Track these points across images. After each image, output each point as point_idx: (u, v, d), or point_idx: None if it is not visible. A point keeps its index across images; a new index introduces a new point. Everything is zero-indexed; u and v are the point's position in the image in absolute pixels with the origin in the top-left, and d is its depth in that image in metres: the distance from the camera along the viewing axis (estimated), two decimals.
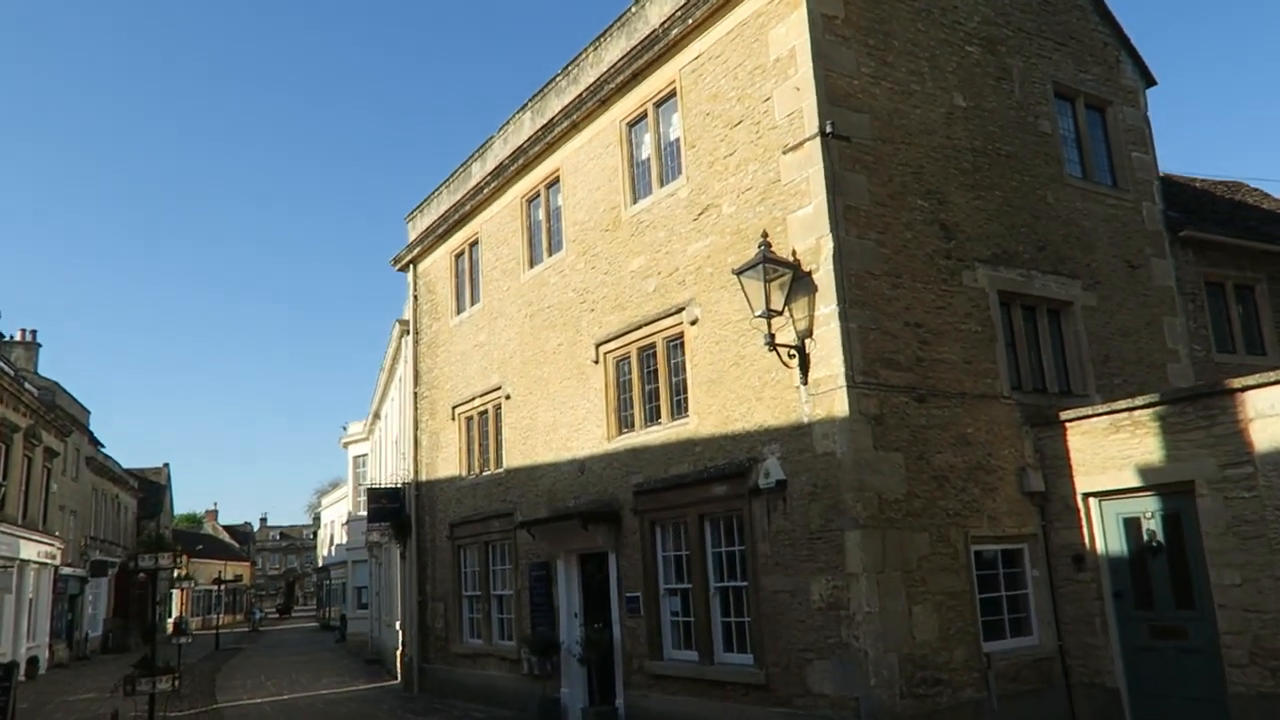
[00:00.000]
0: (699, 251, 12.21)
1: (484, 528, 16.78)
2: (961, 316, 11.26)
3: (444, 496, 18.48)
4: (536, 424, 15.49)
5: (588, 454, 14.04)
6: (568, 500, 14.35)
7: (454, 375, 18.47)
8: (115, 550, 44.64)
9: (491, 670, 16.29)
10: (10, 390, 27.40)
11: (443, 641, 18.13)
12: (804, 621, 10.09)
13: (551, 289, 15.41)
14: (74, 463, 37.26)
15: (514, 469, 16.06)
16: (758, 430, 10.94)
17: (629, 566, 12.92)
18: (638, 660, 12.61)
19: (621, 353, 13.57)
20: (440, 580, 18.40)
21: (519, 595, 15.62)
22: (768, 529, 10.64)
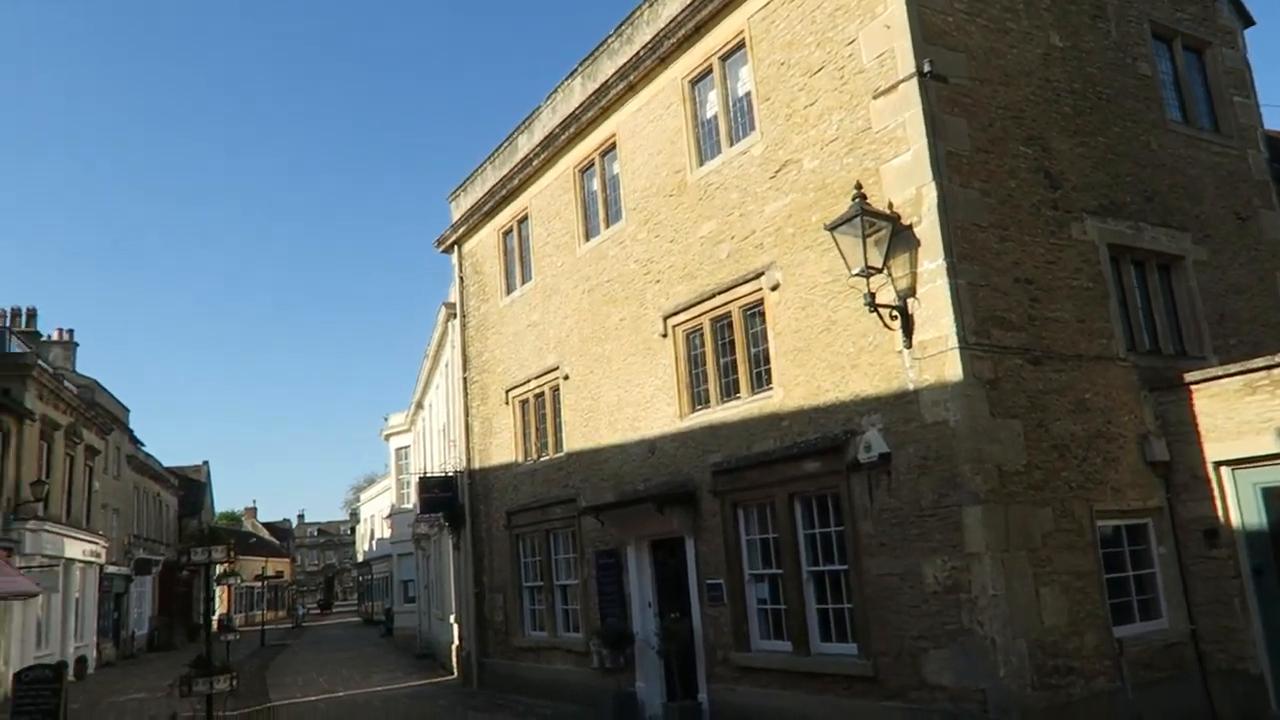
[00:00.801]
0: (778, 211, 11.34)
1: (544, 515, 16.05)
2: (1072, 272, 10.33)
3: (499, 484, 17.77)
4: (599, 404, 14.71)
5: (658, 433, 13.24)
6: (637, 483, 13.57)
7: (506, 358, 17.74)
8: (158, 548, 44.55)
9: (557, 664, 15.57)
10: (50, 388, 27.07)
11: (502, 634, 17.45)
12: (916, 607, 9.23)
13: (611, 262, 14.60)
14: (115, 461, 37.06)
15: (575, 452, 15.30)
16: (854, 400, 10.08)
17: (709, 552, 12.12)
18: (722, 652, 11.81)
19: (693, 324, 12.74)
20: (498, 571, 17.71)
21: (585, 585, 14.88)
22: (870, 507, 9.79)
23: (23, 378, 25.01)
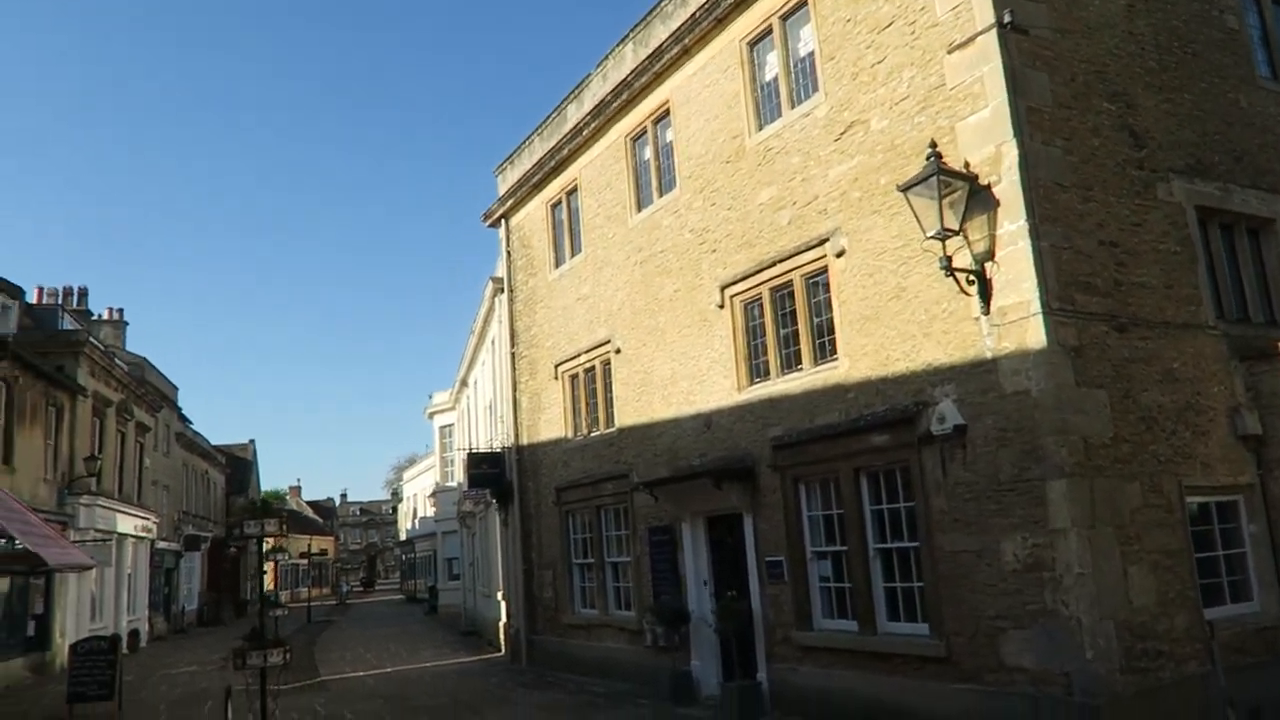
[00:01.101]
0: (843, 175, 10.88)
1: (595, 491, 15.79)
2: (1158, 235, 9.77)
3: (548, 460, 17.54)
4: (652, 378, 14.38)
5: (714, 407, 12.89)
6: (692, 458, 13.24)
7: (555, 332, 17.46)
8: (207, 525, 45.17)
9: (608, 642, 15.34)
10: (101, 365, 27.35)
11: (552, 612, 17.26)
12: (994, 585, 8.81)
13: (665, 232, 14.23)
14: (164, 438, 37.52)
15: (627, 427, 15.00)
16: (926, 370, 9.64)
17: (768, 528, 11.76)
18: (782, 631, 11.47)
19: (751, 294, 12.34)
20: (547, 547, 17.51)
21: (638, 562, 14.60)
22: (943, 481, 9.36)
23: (75, 354, 25.26)
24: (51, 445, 23.48)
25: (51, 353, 24.51)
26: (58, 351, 24.90)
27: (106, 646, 15.49)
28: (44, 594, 22.79)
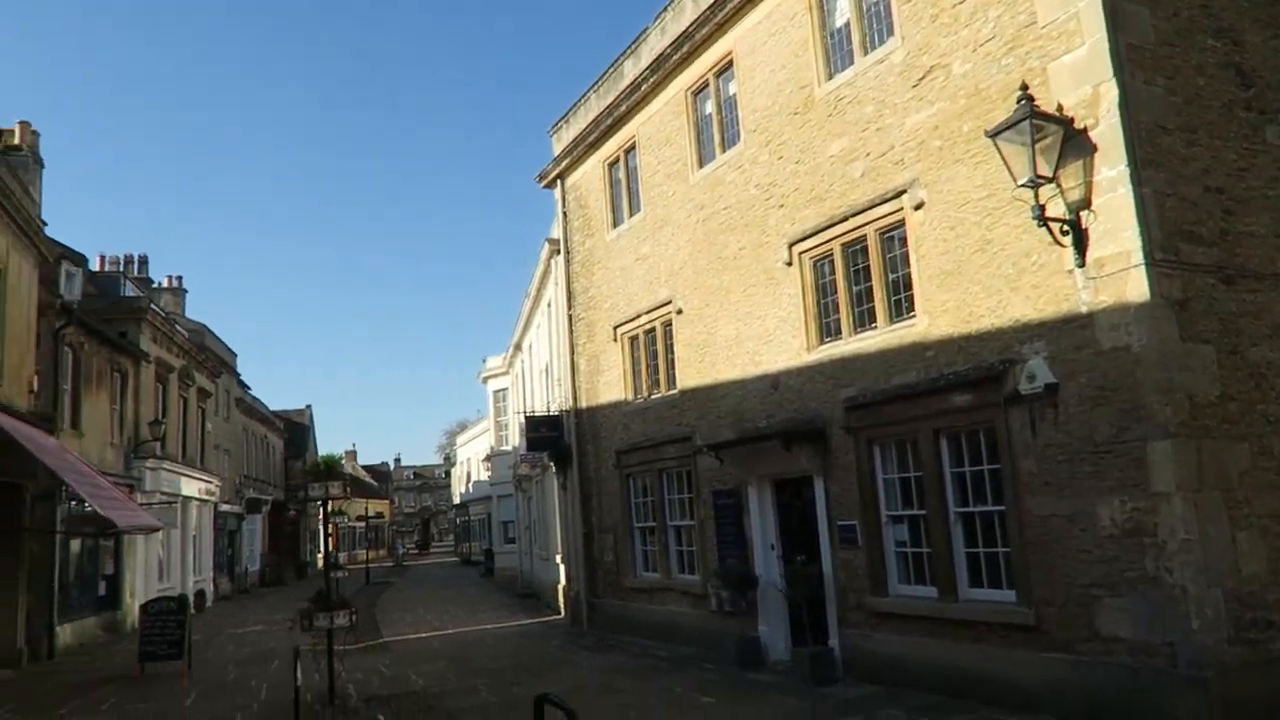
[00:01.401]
0: (922, 123, 10.35)
1: (656, 454, 15.54)
2: (1267, 181, 9.13)
3: (607, 423, 17.32)
4: (715, 339, 14.03)
5: (781, 368, 12.51)
6: (758, 420, 12.90)
7: (614, 293, 17.15)
8: (267, 489, 46.01)
9: (671, 606, 15.16)
10: (163, 331, 27.72)
11: (613, 575, 17.14)
12: (1088, 551, 8.38)
13: (728, 188, 13.78)
14: (225, 404, 38.12)
15: (690, 389, 14.69)
16: (1013, 326, 9.15)
17: (840, 491, 11.41)
18: (855, 596, 11.16)
19: (821, 250, 11.89)
20: (607, 511, 17.35)
21: (701, 526, 14.36)
22: (1032, 443, 8.91)
23: (138, 320, 25.60)
24: (117, 410, 23.88)
25: (115, 319, 24.88)
26: (120, 318, 25.26)
27: (175, 607, 15.73)
28: (113, 555, 23.30)
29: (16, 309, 16.55)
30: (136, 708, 12.29)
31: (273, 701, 12.23)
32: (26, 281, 17.30)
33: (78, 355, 21.08)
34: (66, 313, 19.95)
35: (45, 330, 19.30)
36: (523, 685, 12.35)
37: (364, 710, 11.40)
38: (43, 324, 19.02)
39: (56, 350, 19.69)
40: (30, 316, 17.59)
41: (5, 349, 15.82)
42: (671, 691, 11.24)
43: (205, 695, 13.07)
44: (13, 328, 16.30)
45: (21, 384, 16.81)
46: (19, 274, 16.74)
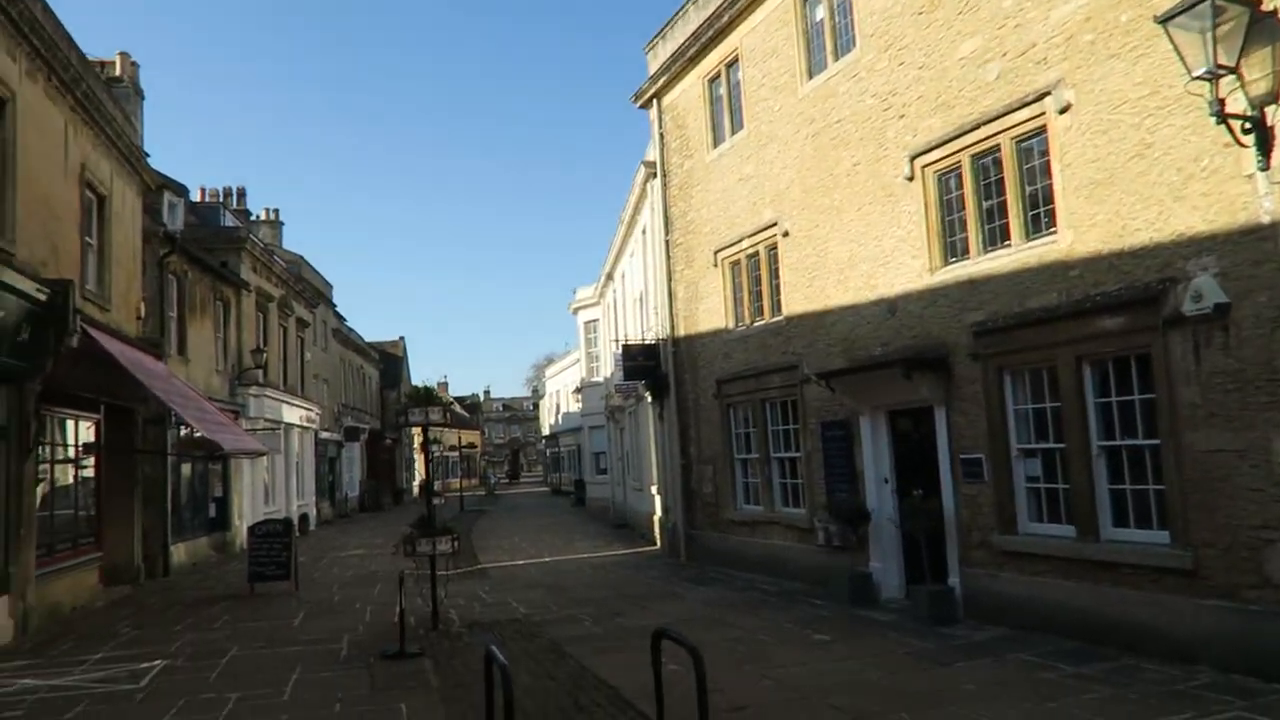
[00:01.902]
0: (1069, 15, 9.28)
1: (759, 384, 14.96)
2: None
3: (707, 352, 16.77)
4: (825, 261, 13.26)
5: (899, 291, 11.71)
6: (872, 348, 12.17)
7: (714, 216, 16.43)
8: (364, 418, 47.11)
9: (775, 539, 14.72)
10: (262, 261, 28.11)
11: (712, 508, 16.76)
12: (1260, 491, 7.53)
13: (842, 99, 12.85)
14: (322, 334, 38.87)
15: (796, 316, 13.99)
16: (1176, 240, 8.20)
17: (964, 423, 10.67)
18: (979, 534, 10.48)
19: (948, 163, 10.97)
20: (706, 442, 16.90)
21: (808, 458, 13.78)
22: (1195, 370, 8.02)
23: (238, 250, 25.96)
24: (220, 338, 24.37)
25: (216, 249, 25.28)
26: (221, 248, 25.65)
27: (281, 529, 16.00)
28: (222, 479, 24.01)
29: (122, 235, 16.75)
30: (248, 625, 12.49)
31: (377, 624, 12.28)
32: (131, 209, 17.49)
33: (182, 283, 21.44)
34: (170, 241, 20.22)
35: (150, 258, 19.61)
36: (626, 616, 12.12)
37: (467, 635, 11.31)
38: (147, 252, 19.31)
39: (161, 278, 20.02)
40: (135, 243, 17.83)
41: (112, 275, 16.04)
42: (782, 627, 10.82)
43: (312, 615, 13.23)
44: (119, 254, 16.51)
45: (129, 310, 17.09)
46: (123, 201, 16.91)
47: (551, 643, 10.66)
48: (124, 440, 17.02)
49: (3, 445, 11.93)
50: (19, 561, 11.94)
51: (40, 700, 8.75)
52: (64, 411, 14.55)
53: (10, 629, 11.64)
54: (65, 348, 12.66)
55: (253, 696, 8.54)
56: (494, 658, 5.92)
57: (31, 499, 12.44)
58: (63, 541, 14.24)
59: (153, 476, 18.91)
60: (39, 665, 10.36)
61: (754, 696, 7.83)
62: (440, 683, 8.89)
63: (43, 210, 13.02)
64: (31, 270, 12.16)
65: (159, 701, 8.49)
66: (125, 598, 15.80)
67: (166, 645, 11.27)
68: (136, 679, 9.48)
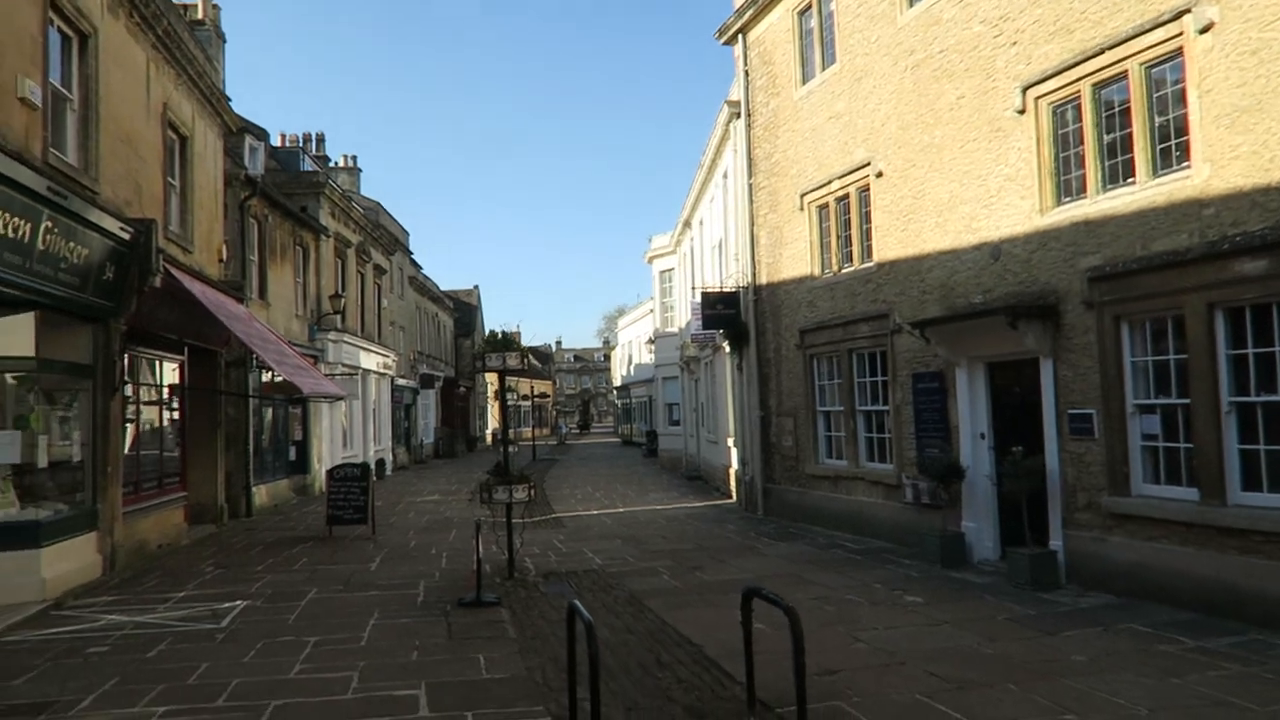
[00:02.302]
0: None
1: (846, 333, 14.32)
2: None
3: (790, 300, 16.15)
4: (923, 203, 12.49)
5: (1005, 234, 10.94)
6: (971, 295, 11.45)
7: (801, 158, 15.69)
8: (439, 365, 47.57)
9: (859, 495, 14.18)
10: (341, 207, 28.19)
11: (791, 461, 16.27)
12: None
13: (946, 28, 11.97)
14: (399, 281, 39.12)
15: (889, 262, 13.28)
16: None
17: (1073, 376, 9.94)
18: (1086, 495, 9.81)
19: (1064, 94, 10.10)
20: (787, 394, 16.36)
21: (897, 411, 13.17)
22: None
23: (317, 195, 26.04)
24: (300, 283, 24.55)
25: (295, 194, 25.39)
26: (300, 193, 25.76)
27: (358, 474, 16.03)
28: (301, 423, 24.35)
29: (203, 177, 16.76)
30: (326, 568, 12.51)
31: (453, 571, 12.17)
32: (212, 151, 17.49)
33: (262, 227, 21.55)
34: (251, 185, 20.27)
35: (231, 201, 19.69)
36: (705, 570, 11.78)
37: (543, 585, 11.12)
38: (229, 195, 19.37)
39: (242, 222, 20.12)
40: (217, 186, 17.86)
41: (195, 217, 16.08)
42: (870, 587, 10.35)
43: (389, 560, 13.22)
44: (201, 196, 16.53)
45: (211, 252, 17.17)
46: (204, 142, 16.90)
47: (630, 595, 10.39)
48: (207, 382, 17.21)
49: (89, 384, 12.04)
50: (106, 499, 12.11)
51: (125, 636, 8.80)
52: (149, 352, 14.69)
53: (98, 564, 11.84)
54: (148, 287, 12.69)
55: (331, 640, 8.44)
56: (577, 611, 5.59)
57: (118, 438, 12.59)
58: (149, 480, 14.47)
59: (235, 419, 19.18)
60: (125, 601, 10.49)
61: (845, 660, 7.40)
62: (518, 633, 8.68)
63: (126, 149, 12.99)
64: (115, 209, 12.15)
65: (239, 643, 8.45)
66: (209, 537, 16.08)
67: (247, 585, 11.33)
68: (218, 618, 9.50)
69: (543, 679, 7.18)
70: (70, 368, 11.65)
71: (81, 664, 7.83)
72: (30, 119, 10.14)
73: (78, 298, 11.16)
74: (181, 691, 6.96)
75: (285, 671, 7.45)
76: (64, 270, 10.61)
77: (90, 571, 11.61)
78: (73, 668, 7.72)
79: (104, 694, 6.94)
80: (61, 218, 10.24)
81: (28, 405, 10.81)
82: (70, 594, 10.68)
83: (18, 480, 10.67)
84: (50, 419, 11.43)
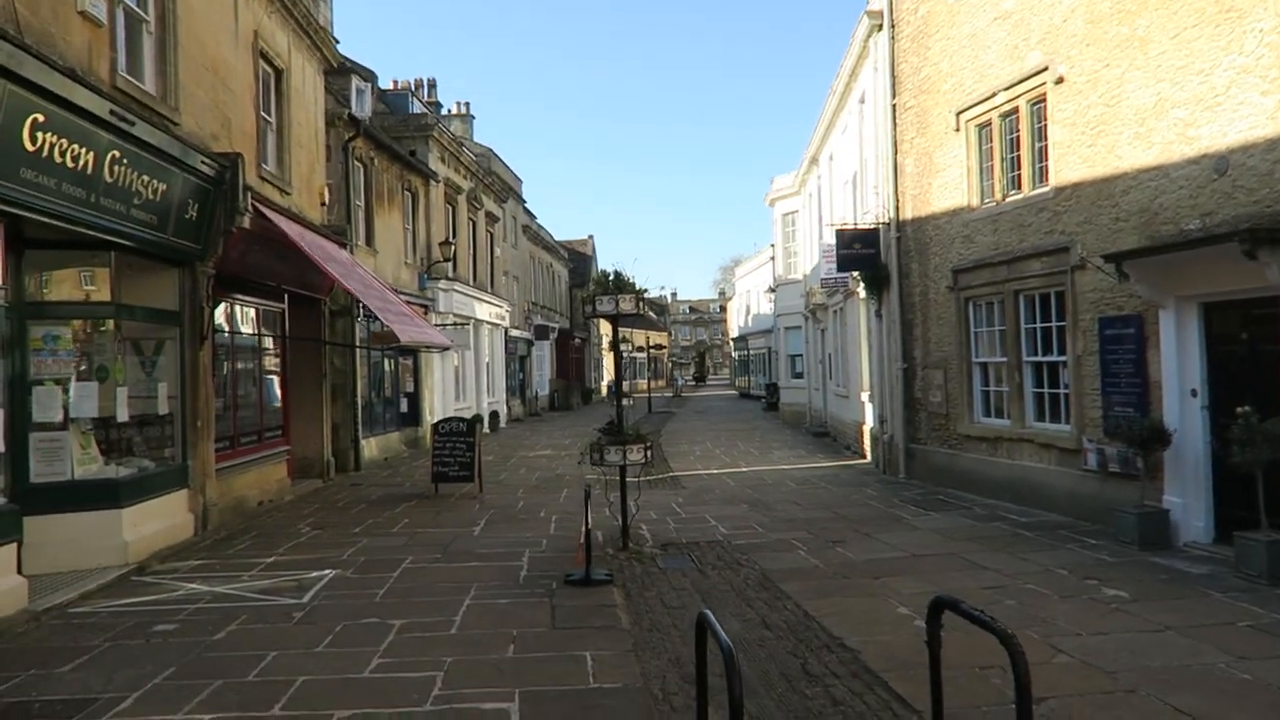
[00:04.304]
0: None
1: (1012, 271, 12.30)
2: None
3: (941, 235, 14.14)
4: (1117, 111, 10.33)
5: (1233, 143, 8.77)
6: (1184, 220, 9.33)
7: (958, 69, 13.56)
8: (554, 316, 46.80)
9: (1025, 460, 12.26)
10: (451, 152, 27.24)
11: (940, 419, 14.38)
12: None
13: None
14: (512, 230, 38.25)
15: (1069, 185, 11.18)
16: None
17: None
18: None
19: None
20: (936, 343, 14.43)
21: (1078, 363, 11.15)
22: None
23: (426, 139, 25.11)
24: (409, 230, 23.74)
25: (404, 137, 24.51)
26: (409, 136, 24.87)
27: (465, 428, 15.02)
28: (413, 374, 23.71)
29: (302, 114, 15.83)
30: (427, 532, 11.50)
31: (561, 537, 10.97)
32: (311, 86, 16.53)
33: (368, 171, 20.68)
34: (355, 125, 19.36)
35: (335, 143, 18.84)
36: (848, 546, 10.19)
37: (661, 559, 9.77)
38: (332, 136, 18.51)
39: (347, 164, 19.26)
40: (318, 125, 16.94)
41: (292, 156, 15.17)
42: (1054, 574, 8.56)
43: (494, 523, 12.13)
44: (299, 134, 15.61)
45: (313, 194, 16.30)
46: (303, 77, 15.93)
47: (762, 575, 8.92)
48: (311, 331, 16.47)
49: (175, 332, 11.24)
50: (197, 455, 11.36)
51: (198, 610, 7.88)
52: (245, 299, 13.91)
53: (190, 524, 11.12)
54: (237, 228, 11.76)
55: (417, 626, 7.27)
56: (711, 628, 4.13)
57: (209, 390, 11.80)
58: (248, 434, 13.77)
59: (341, 369, 18.50)
60: (210, 567, 9.66)
61: (1050, 681, 5.72)
62: (632, 623, 7.33)
63: (210, 77, 12.02)
64: (199, 143, 11.21)
65: (317, 624, 7.39)
66: (313, 492, 15.40)
67: (341, 550, 10.38)
68: (302, 591, 8.52)
69: (662, 692, 5.80)
70: (154, 314, 10.83)
71: (142, 647, 6.89)
72: (94, 36, 9.14)
73: (157, 238, 10.25)
74: (238, 691, 5.87)
75: (360, 667, 6.30)
76: (138, 207, 9.67)
77: (180, 532, 10.88)
78: (130, 651, 6.78)
79: (152, 690, 5.93)
80: (130, 147, 9.26)
81: (109, 355, 10.00)
82: (157, 556, 9.94)
83: (102, 436, 9.92)
84: (133, 370, 10.64)
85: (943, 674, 4.47)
